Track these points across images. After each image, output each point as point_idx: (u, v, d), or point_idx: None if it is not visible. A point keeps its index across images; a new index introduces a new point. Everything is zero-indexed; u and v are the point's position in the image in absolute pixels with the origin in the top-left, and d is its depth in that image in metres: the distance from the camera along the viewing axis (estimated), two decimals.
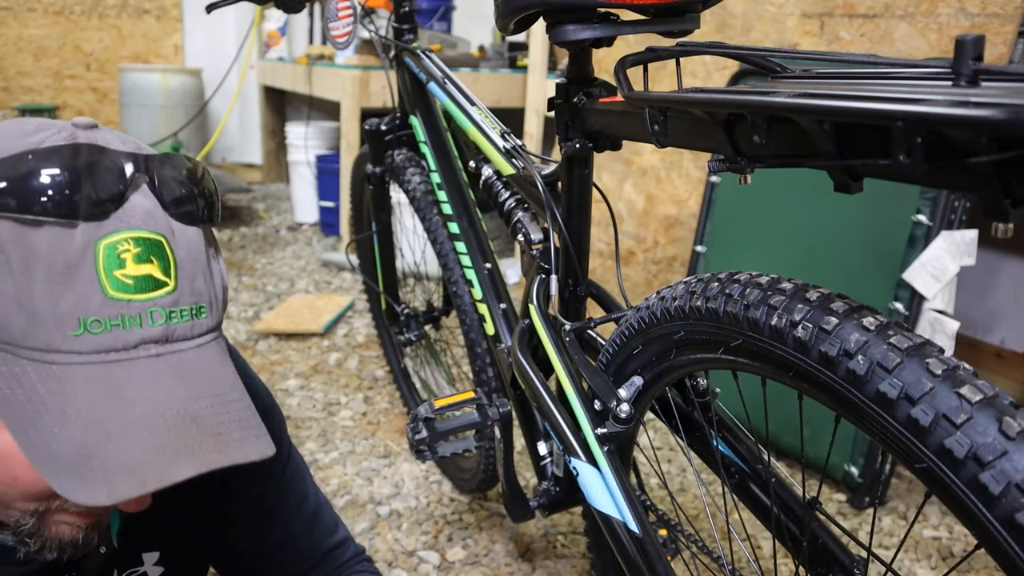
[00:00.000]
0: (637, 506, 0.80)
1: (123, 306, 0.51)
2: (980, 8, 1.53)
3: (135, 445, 0.49)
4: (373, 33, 1.49)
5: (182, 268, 0.55)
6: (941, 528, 1.53)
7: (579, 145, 0.88)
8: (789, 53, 0.62)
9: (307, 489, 0.89)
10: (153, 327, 0.53)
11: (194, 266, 0.56)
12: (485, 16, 3.57)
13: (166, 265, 0.54)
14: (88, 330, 0.50)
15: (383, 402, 1.97)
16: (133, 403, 0.50)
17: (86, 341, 0.50)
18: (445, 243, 1.35)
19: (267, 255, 3.17)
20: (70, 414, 0.49)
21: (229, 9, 3.97)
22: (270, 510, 0.85)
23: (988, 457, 0.47)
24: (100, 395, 0.50)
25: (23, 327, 0.49)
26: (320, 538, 0.88)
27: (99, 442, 0.48)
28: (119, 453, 0.48)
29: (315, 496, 0.90)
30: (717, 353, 0.69)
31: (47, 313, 0.49)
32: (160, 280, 0.53)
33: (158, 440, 0.50)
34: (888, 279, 1.51)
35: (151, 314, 0.53)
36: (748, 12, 1.94)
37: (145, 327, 0.52)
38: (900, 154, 0.45)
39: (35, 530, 0.57)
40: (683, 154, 2.10)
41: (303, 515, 0.87)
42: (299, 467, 0.89)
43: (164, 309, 0.53)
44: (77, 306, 0.50)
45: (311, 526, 0.88)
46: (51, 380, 0.50)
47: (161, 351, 0.53)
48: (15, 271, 0.49)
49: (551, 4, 0.77)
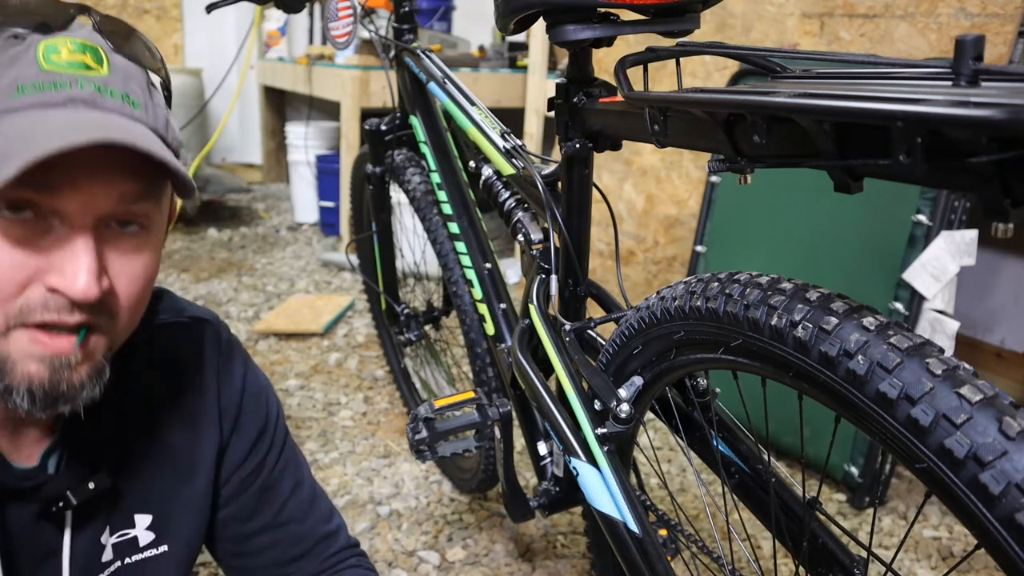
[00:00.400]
0: (637, 506, 0.80)
1: (55, 75, 0.57)
2: (980, 8, 1.53)
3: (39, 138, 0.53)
4: (373, 33, 1.49)
5: (115, 69, 0.60)
6: (941, 528, 1.53)
7: (579, 145, 0.88)
8: (789, 53, 0.62)
9: (303, 477, 0.90)
10: (81, 91, 0.57)
11: (128, 77, 0.61)
12: (485, 16, 3.57)
13: (99, 60, 0.59)
14: (24, 92, 0.56)
15: (383, 402, 1.97)
16: (53, 123, 0.55)
17: (23, 100, 0.56)
18: (445, 243, 1.35)
19: (267, 255, 3.17)
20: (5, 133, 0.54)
21: (229, 9, 3.97)
22: (264, 490, 0.86)
23: (988, 457, 0.47)
24: (23, 126, 0.55)
25: None
26: (313, 525, 0.89)
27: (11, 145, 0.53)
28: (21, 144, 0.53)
29: (311, 486, 0.91)
30: (717, 353, 0.69)
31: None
32: (91, 66, 0.59)
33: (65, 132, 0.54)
34: (888, 279, 1.51)
35: (80, 83, 0.58)
36: (748, 12, 1.94)
37: (74, 89, 0.57)
38: (900, 154, 0.45)
39: (2, 359, 0.57)
40: (683, 154, 2.10)
41: (298, 500, 0.88)
42: (296, 456, 0.91)
43: (94, 82, 0.58)
44: (16, 79, 0.56)
45: (305, 513, 0.89)
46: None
47: (90, 109, 0.58)
48: None
49: (551, 4, 0.77)
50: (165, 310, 0.81)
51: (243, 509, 0.85)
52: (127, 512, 0.75)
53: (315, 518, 0.90)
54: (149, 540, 0.76)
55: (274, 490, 0.87)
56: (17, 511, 0.66)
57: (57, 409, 0.60)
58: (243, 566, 0.88)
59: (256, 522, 0.86)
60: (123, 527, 0.75)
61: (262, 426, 0.86)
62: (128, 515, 0.75)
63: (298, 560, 0.88)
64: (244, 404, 0.84)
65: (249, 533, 0.86)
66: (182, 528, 0.80)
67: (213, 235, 3.41)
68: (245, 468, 0.84)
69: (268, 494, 0.86)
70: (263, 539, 0.86)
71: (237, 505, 0.85)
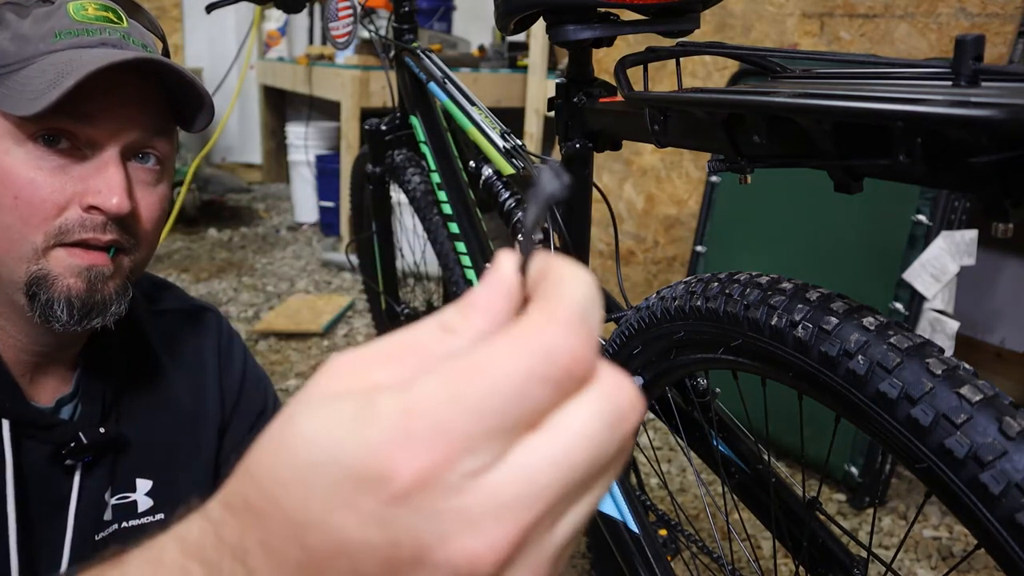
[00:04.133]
0: (637, 506, 0.80)
1: (87, 24, 0.66)
2: (980, 8, 1.53)
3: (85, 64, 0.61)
4: (373, 33, 1.49)
5: (133, 27, 0.70)
6: (941, 528, 1.53)
7: (579, 145, 0.88)
8: (789, 53, 0.62)
9: None
10: (111, 36, 0.67)
11: (143, 34, 0.71)
12: (485, 16, 3.57)
13: (118, 17, 0.69)
14: (61, 37, 0.65)
15: None
16: (93, 56, 0.63)
17: (60, 42, 0.64)
18: (445, 243, 1.35)
19: (267, 255, 3.17)
20: (47, 71, 0.62)
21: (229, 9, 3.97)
22: None
23: (988, 457, 0.47)
24: (69, 60, 0.63)
25: (16, 50, 0.64)
26: None
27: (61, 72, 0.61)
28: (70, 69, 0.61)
29: None
30: (717, 353, 0.69)
31: (34, 36, 0.64)
32: (115, 20, 0.68)
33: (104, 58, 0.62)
34: (888, 279, 1.51)
35: (108, 31, 0.67)
36: (748, 12, 1.94)
37: (104, 35, 0.66)
38: (900, 154, 0.45)
39: (43, 275, 0.64)
40: (683, 154, 2.10)
41: None
42: None
43: (120, 31, 0.68)
44: (53, 27, 0.65)
45: None
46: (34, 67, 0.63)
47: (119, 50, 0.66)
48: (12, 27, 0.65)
49: (551, 4, 0.77)
50: (170, 298, 0.86)
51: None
52: (130, 472, 0.77)
53: None
54: (147, 506, 0.78)
55: None
56: (32, 451, 0.69)
57: (91, 322, 0.66)
58: None
59: None
60: (125, 488, 0.77)
61: (261, 409, 0.89)
62: (130, 477, 0.77)
63: None
64: (244, 387, 0.88)
65: None
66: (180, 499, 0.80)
67: (213, 235, 3.41)
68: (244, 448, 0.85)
69: None
70: None
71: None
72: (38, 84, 0.61)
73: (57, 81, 0.60)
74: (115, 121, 0.65)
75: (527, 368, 0.21)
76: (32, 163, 0.63)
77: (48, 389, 0.73)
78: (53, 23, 0.65)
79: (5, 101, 0.62)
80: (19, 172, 0.62)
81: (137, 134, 0.67)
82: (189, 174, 3.19)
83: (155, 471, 0.79)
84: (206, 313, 0.89)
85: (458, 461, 0.20)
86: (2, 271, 0.65)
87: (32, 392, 0.72)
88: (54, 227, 0.64)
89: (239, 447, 0.87)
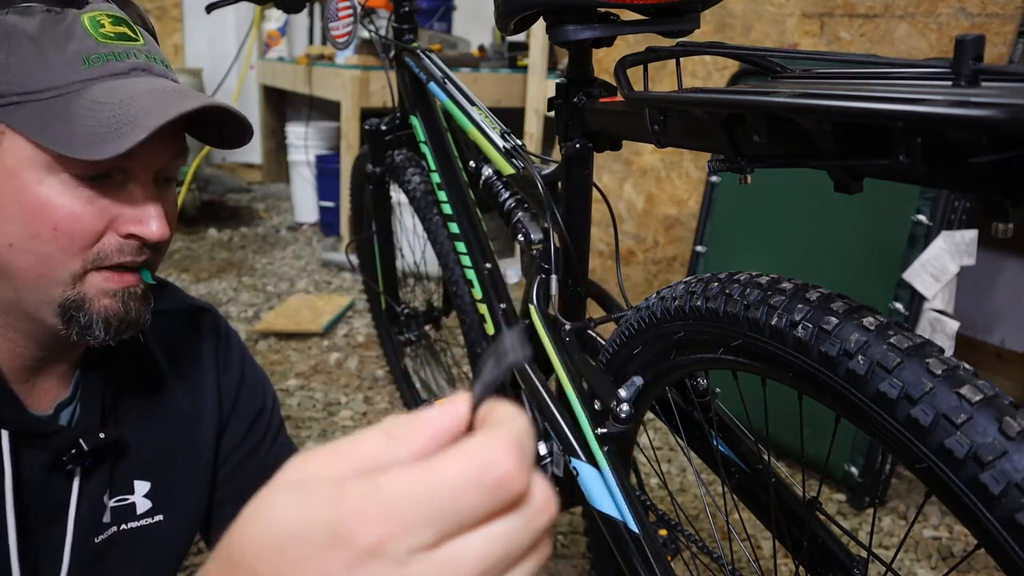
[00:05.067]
0: (637, 506, 0.80)
1: (112, 46, 0.65)
2: (980, 8, 1.53)
3: (147, 104, 0.62)
4: (373, 33, 1.49)
5: (144, 37, 0.69)
6: (941, 528, 1.53)
7: (579, 145, 0.88)
8: (789, 53, 0.62)
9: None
10: (138, 60, 0.66)
11: (151, 41, 0.70)
12: (485, 16, 3.57)
13: (134, 32, 0.68)
14: (91, 64, 0.63)
15: (383, 402, 1.97)
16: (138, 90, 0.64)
17: (93, 70, 0.63)
18: (445, 243, 1.35)
19: (267, 255, 3.17)
20: (96, 113, 0.61)
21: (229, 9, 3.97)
22: (260, 472, 0.88)
23: (988, 457, 0.47)
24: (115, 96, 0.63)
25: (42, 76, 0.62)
26: None
27: (120, 113, 0.61)
28: (139, 110, 0.61)
29: None
30: (717, 353, 0.69)
31: (59, 61, 0.62)
32: (133, 37, 0.67)
33: (163, 98, 0.63)
34: (888, 279, 1.51)
35: (134, 52, 0.66)
36: (748, 12, 1.94)
37: (132, 59, 0.66)
38: (900, 154, 0.45)
39: (79, 299, 0.65)
40: (683, 154, 2.10)
41: None
42: (291, 445, 0.94)
43: (142, 52, 0.67)
44: (79, 50, 0.63)
45: None
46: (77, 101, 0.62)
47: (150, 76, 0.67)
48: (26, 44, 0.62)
49: (551, 4, 0.77)
50: (169, 298, 0.86)
51: (239, 490, 0.87)
52: (128, 475, 0.77)
53: None
54: (146, 508, 0.78)
55: (269, 474, 0.87)
56: (31, 459, 0.69)
57: (125, 335, 0.69)
58: None
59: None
60: (123, 491, 0.77)
61: (259, 410, 0.89)
62: (128, 480, 0.77)
63: None
64: (242, 388, 0.88)
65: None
66: (179, 500, 0.82)
67: (213, 235, 3.41)
68: (242, 449, 0.87)
69: (263, 478, 0.87)
70: None
71: (233, 485, 0.87)
72: (89, 124, 0.61)
73: (117, 128, 0.60)
74: (151, 154, 0.66)
75: (468, 475, 0.26)
76: (69, 193, 0.63)
77: (48, 393, 0.73)
78: (78, 46, 0.63)
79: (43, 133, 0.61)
80: (57, 203, 0.62)
81: (166, 161, 0.68)
82: (189, 174, 3.19)
83: (153, 473, 0.79)
84: (204, 313, 0.89)
85: (404, 538, 0.26)
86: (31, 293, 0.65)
87: (32, 398, 0.72)
88: (92, 254, 0.65)
89: (236, 449, 0.87)
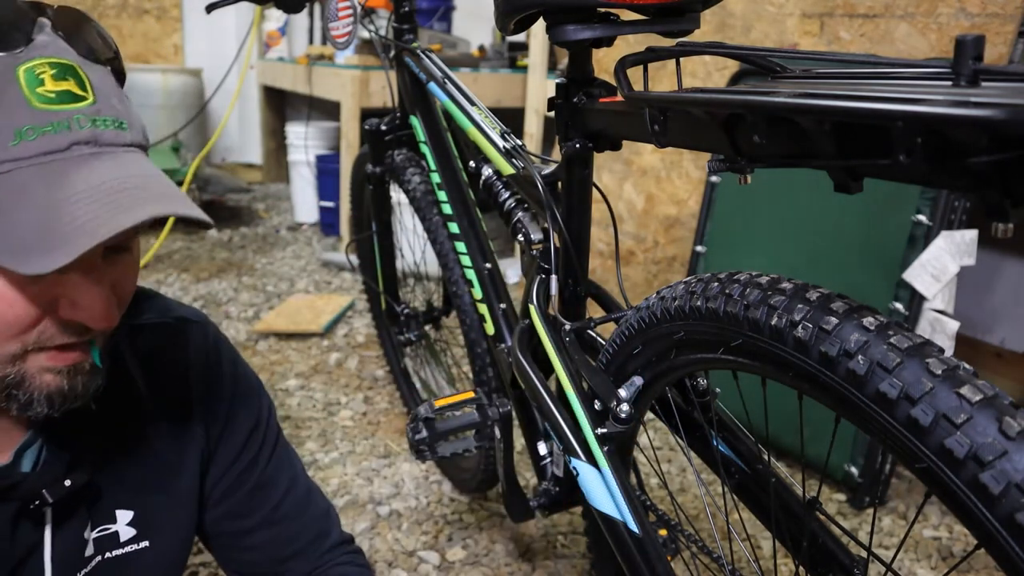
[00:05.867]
0: (637, 506, 0.80)
1: (50, 114, 0.56)
2: (980, 8, 1.53)
3: (83, 211, 0.54)
4: (373, 33, 1.49)
5: (97, 89, 0.60)
6: (941, 528, 1.53)
7: (579, 145, 0.88)
8: (789, 53, 0.62)
9: (297, 475, 0.91)
10: (81, 130, 0.57)
11: (108, 90, 0.61)
12: (485, 16, 3.57)
13: (82, 84, 0.59)
14: (24, 138, 0.55)
15: (383, 402, 1.97)
16: (76, 186, 0.55)
17: (24, 148, 0.55)
18: (445, 243, 1.35)
19: (267, 255, 3.17)
20: (22, 208, 0.54)
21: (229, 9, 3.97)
22: (258, 487, 0.86)
23: (988, 457, 0.47)
24: (47, 187, 0.55)
25: None
26: (308, 523, 0.90)
27: (51, 218, 0.54)
28: (70, 220, 0.54)
29: (306, 483, 0.92)
30: (717, 353, 0.69)
31: None
32: (79, 95, 0.58)
33: (103, 204, 0.55)
34: (888, 279, 1.51)
35: (77, 120, 0.57)
36: (748, 12, 1.94)
37: (74, 131, 0.57)
38: (900, 154, 0.45)
39: (19, 379, 0.60)
40: (683, 154, 2.10)
41: (293, 498, 0.89)
42: (290, 454, 0.91)
43: (88, 116, 0.58)
44: (10, 121, 0.55)
45: (300, 510, 0.89)
46: (4, 186, 0.54)
47: (93, 151, 0.58)
48: None
49: (551, 4, 0.77)
50: (151, 310, 0.81)
51: (238, 506, 0.85)
52: (108, 507, 0.75)
53: (310, 515, 0.90)
54: (130, 535, 0.76)
55: (268, 488, 0.87)
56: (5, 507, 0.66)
57: (74, 406, 0.64)
58: (240, 561, 0.89)
59: (251, 519, 0.86)
60: (104, 522, 0.75)
61: (253, 424, 0.86)
62: (109, 510, 0.75)
63: (294, 557, 0.88)
64: (234, 403, 0.84)
65: (245, 530, 0.86)
66: (165, 525, 0.79)
67: (213, 235, 3.41)
68: (238, 466, 0.85)
69: (263, 492, 0.87)
70: (259, 536, 0.87)
71: (232, 502, 0.85)
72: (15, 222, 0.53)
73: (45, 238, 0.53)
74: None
75: None
76: (1, 278, 0.56)
77: (3, 437, 0.68)
78: (7, 114, 0.55)
79: None
80: None
81: (115, 242, 0.59)
82: (189, 174, 3.19)
83: (135, 501, 0.76)
84: (189, 326, 0.82)
85: None
86: None
87: None
88: (31, 336, 0.59)
89: (232, 466, 0.84)
